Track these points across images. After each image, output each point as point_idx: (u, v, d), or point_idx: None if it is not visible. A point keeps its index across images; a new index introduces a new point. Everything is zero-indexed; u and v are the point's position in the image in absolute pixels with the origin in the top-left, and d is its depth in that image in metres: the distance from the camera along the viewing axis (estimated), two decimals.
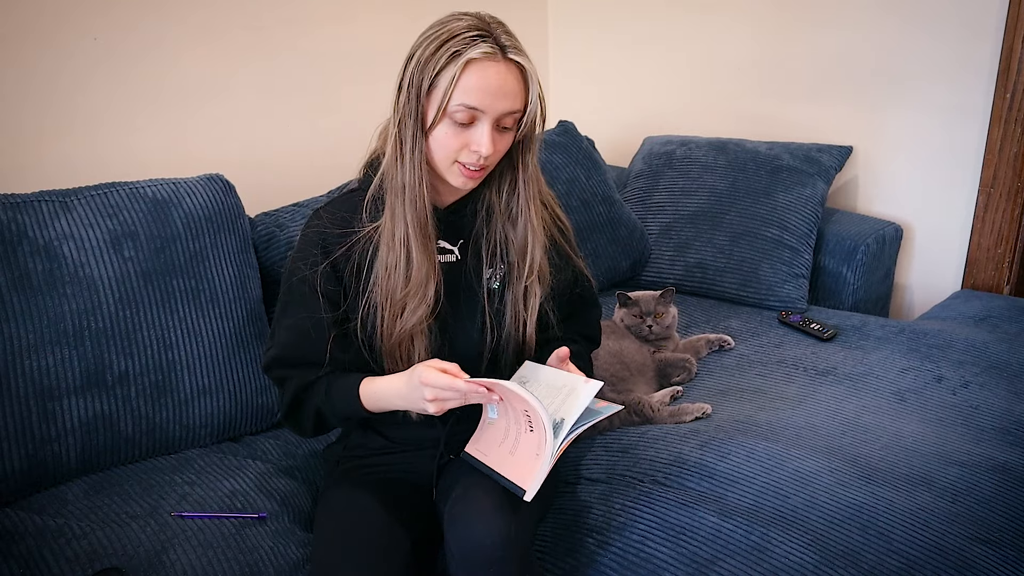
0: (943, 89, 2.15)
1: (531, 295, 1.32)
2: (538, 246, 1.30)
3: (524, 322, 1.34)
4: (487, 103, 1.16)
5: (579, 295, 1.44)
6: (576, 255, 1.42)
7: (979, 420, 1.61)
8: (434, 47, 1.16)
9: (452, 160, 1.21)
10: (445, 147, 1.20)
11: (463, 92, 1.15)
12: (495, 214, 1.30)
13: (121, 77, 1.84)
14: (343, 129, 2.22)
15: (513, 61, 1.17)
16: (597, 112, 2.74)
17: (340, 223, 1.27)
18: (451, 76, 1.15)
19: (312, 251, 1.27)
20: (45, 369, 1.40)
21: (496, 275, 1.33)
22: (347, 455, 1.40)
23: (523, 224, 1.29)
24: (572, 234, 1.42)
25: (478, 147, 1.19)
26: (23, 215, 1.43)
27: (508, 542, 1.12)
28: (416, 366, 1.16)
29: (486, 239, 1.31)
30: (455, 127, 1.18)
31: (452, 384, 1.11)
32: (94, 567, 1.22)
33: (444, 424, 1.34)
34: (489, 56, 1.15)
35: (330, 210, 1.30)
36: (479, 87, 1.15)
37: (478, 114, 1.17)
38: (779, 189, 2.19)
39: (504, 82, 1.17)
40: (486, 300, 1.32)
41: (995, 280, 2.20)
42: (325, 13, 2.16)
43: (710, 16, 2.47)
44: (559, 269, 1.37)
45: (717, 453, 1.45)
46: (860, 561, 1.22)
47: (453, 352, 1.30)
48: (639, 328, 1.84)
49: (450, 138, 1.19)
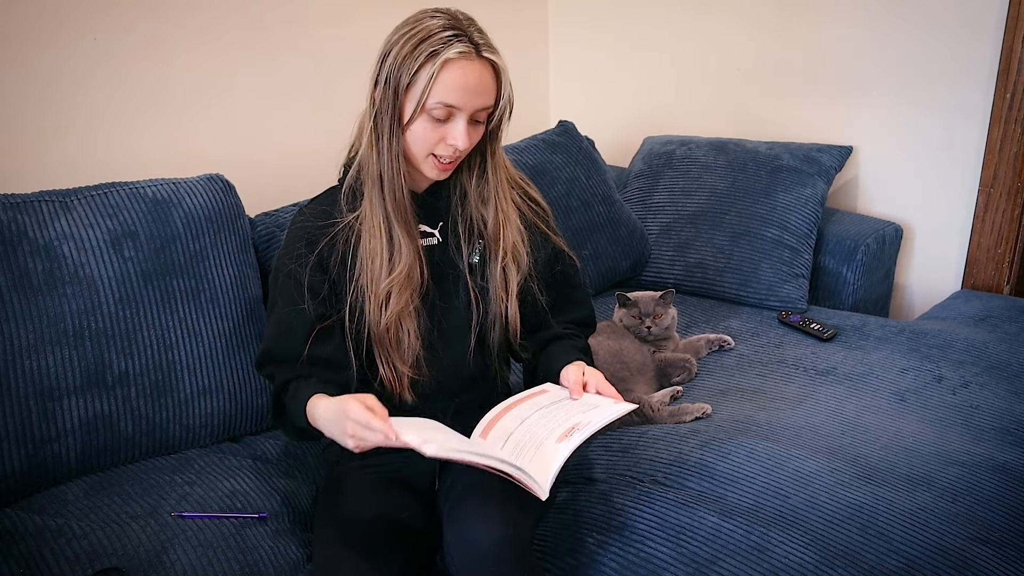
0: (943, 89, 2.15)
1: (509, 276, 1.36)
2: (510, 227, 1.35)
3: (505, 304, 1.37)
4: (464, 100, 1.21)
5: (562, 273, 1.46)
6: (555, 234, 1.45)
7: (979, 420, 1.61)
8: (411, 46, 1.20)
9: (428, 153, 1.26)
10: (422, 140, 1.25)
11: (441, 90, 1.20)
12: (468, 196, 1.35)
13: (121, 77, 1.84)
14: (343, 129, 2.21)
15: (487, 59, 1.22)
16: (597, 112, 2.74)
17: (322, 216, 1.32)
18: (429, 75, 1.20)
19: (297, 246, 1.31)
20: (45, 369, 1.40)
21: (475, 249, 1.36)
22: (347, 455, 1.39)
23: (493, 207, 1.34)
24: (549, 213, 1.46)
25: (454, 141, 1.24)
26: (23, 215, 1.43)
27: (508, 542, 1.12)
28: (346, 397, 1.13)
29: (462, 219, 1.35)
30: (432, 122, 1.23)
31: (369, 422, 1.07)
32: (94, 567, 1.22)
33: (444, 414, 1.34)
34: (465, 55, 1.20)
35: (312, 206, 1.36)
36: (456, 85, 1.20)
37: (455, 111, 1.22)
38: (779, 189, 2.19)
39: (480, 80, 1.22)
40: (468, 275, 1.36)
41: (995, 280, 2.20)
42: (325, 13, 2.16)
43: (710, 16, 2.47)
44: (537, 248, 1.40)
45: (717, 453, 1.45)
46: (860, 561, 1.22)
47: (442, 332, 1.34)
48: (637, 329, 1.84)
49: (427, 132, 1.24)
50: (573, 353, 1.37)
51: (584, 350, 1.43)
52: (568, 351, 1.38)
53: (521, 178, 1.44)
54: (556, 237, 1.45)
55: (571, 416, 1.22)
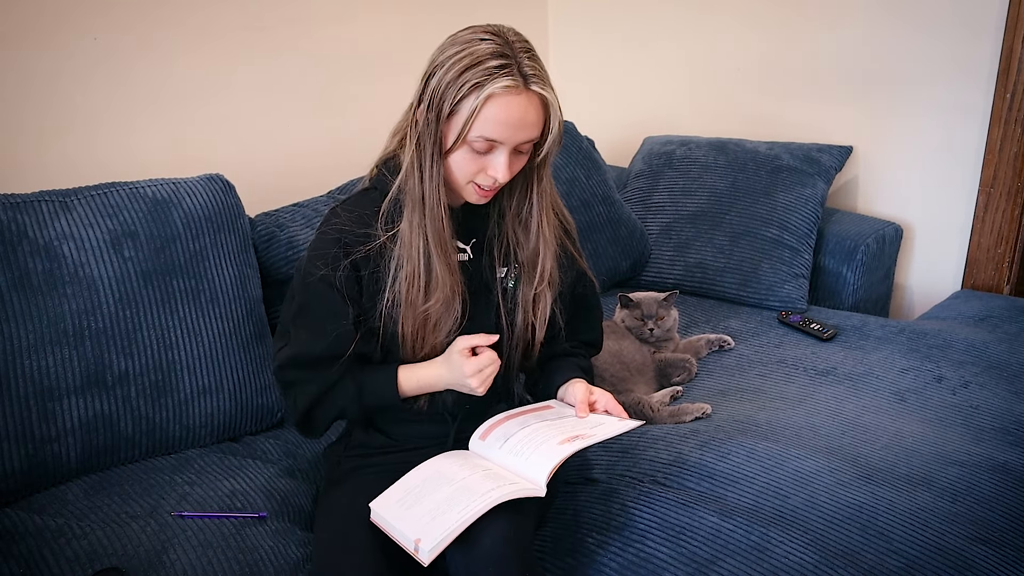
0: (943, 89, 2.15)
1: (541, 300, 1.33)
2: (549, 255, 1.31)
3: (533, 327, 1.35)
4: (507, 135, 1.17)
5: (581, 295, 1.44)
6: (580, 255, 1.43)
7: (979, 420, 1.61)
8: (456, 72, 1.15)
9: (468, 181, 1.22)
10: (462, 170, 1.21)
11: (483, 124, 1.16)
12: (507, 217, 1.31)
13: (121, 77, 1.84)
14: (343, 129, 2.23)
15: (535, 92, 1.17)
16: (597, 112, 2.74)
17: (359, 222, 1.26)
18: (472, 107, 1.15)
19: (331, 250, 1.25)
20: (45, 369, 1.40)
21: (511, 274, 1.33)
22: (348, 454, 1.40)
23: (535, 233, 1.30)
24: (576, 234, 1.43)
25: (495, 173, 1.20)
26: (23, 215, 1.43)
27: (509, 542, 1.12)
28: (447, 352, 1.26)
29: (498, 240, 1.32)
30: (473, 153, 1.19)
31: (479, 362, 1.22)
32: (94, 567, 1.22)
33: (453, 420, 1.34)
34: (511, 90, 1.14)
35: (348, 208, 1.29)
36: (499, 120, 1.15)
37: (496, 144, 1.18)
38: (779, 189, 2.19)
39: (525, 115, 1.16)
40: (500, 298, 1.33)
41: (995, 280, 2.20)
42: (325, 13, 2.16)
43: (710, 16, 2.47)
44: (565, 269, 1.38)
45: (717, 453, 1.45)
46: (860, 561, 1.22)
47: None
48: (640, 331, 1.84)
49: (468, 163, 1.20)
50: (575, 371, 1.37)
51: (587, 369, 1.42)
52: (570, 368, 1.38)
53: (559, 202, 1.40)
54: (581, 259, 1.42)
55: (576, 428, 1.23)
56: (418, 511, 1.14)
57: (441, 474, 1.20)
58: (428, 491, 1.17)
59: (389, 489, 1.21)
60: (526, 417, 1.28)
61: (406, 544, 1.11)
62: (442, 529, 1.09)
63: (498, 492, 1.11)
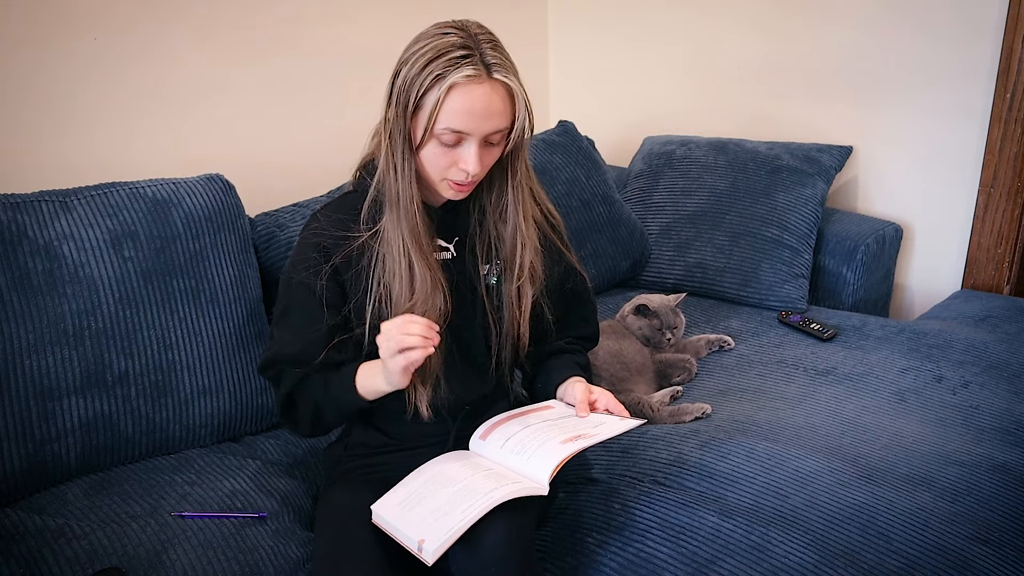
0: (943, 89, 2.15)
1: (523, 295, 1.33)
2: (528, 248, 1.31)
3: (518, 322, 1.35)
4: (472, 126, 1.16)
5: (572, 290, 1.44)
6: (568, 250, 1.43)
7: (979, 420, 1.61)
8: (420, 66, 1.15)
9: (442, 176, 1.22)
10: (434, 165, 1.21)
11: (448, 116, 1.15)
12: (488, 214, 1.31)
13: (121, 77, 1.84)
14: (343, 129, 2.22)
15: (499, 80, 1.16)
16: (597, 112, 2.74)
17: (338, 226, 1.28)
18: (435, 99, 1.15)
19: (311, 255, 1.27)
20: (45, 369, 1.40)
21: (493, 271, 1.34)
22: (348, 454, 1.40)
23: (512, 226, 1.30)
24: (563, 229, 1.43)
25: (465, 166, 1.19)
26: (23, 215, 1.43)
27: (510, 541, 1.12)
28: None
29: (480, 237, 1.32)
30: (442, 147, 1.19)
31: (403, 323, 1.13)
32: (94, 567, 1.22)
33: (453, 420, 1.34)
34: (473, 79, 1.14)
35: (327, 213, 1.30)
36: (463, 110, 1.15)
37: (464, 136, 1.18)
38: (779, 189, 2.19)
39: (489, 103, 1.16)
40: (485, 295, 1.33)
41: (995, 280, 2.20)
42: (325, 13, 2.16)
43: (710, 16, 2.47)
44: (551, 265, 1.38)
45: (717, 453, 1.45)
46: (860, 561, 1.22)
47: (460, 350, 1.32)
48: (659, 340, 1.84)
49: (438, 157, 1.20)
50: (573, 368, 1.37)
51: (584, 366, 1.42)
52: (568, 366, 1.38)
53: (542, 194, 1.40)
54: (569, 254, 1.42)
55: (577, 428, 1.22)
56: (420, 512, 1.14)
57: (443, 475, 1.20)
58: (430, 492, 1.17)
59: (390, 492, 1.21)
60: (527, 417, 1.28)
61: (409, 545, 1.11)
62: (446, 528, 1.09)
63: (501, 491, 1.12)
